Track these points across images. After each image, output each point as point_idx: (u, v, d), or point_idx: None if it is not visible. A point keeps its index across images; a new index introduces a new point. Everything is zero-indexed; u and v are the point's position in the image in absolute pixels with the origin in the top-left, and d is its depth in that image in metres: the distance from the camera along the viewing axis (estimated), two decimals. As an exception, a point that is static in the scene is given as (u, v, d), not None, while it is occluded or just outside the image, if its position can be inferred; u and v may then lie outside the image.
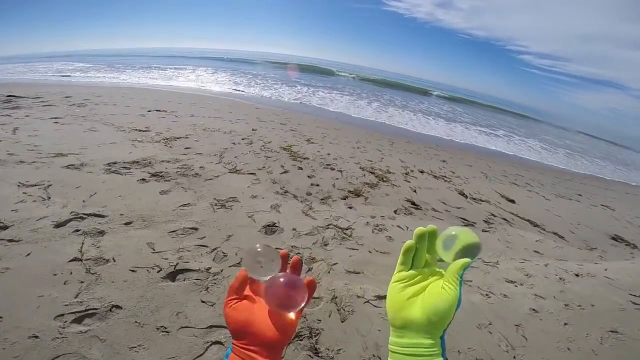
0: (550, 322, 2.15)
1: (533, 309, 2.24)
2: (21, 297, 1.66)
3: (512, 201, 4.89)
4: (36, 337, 1.46)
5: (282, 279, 0.52)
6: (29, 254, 1.95)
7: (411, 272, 0.56)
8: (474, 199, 4.60)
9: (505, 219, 4.06)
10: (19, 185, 2.66)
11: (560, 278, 2.70)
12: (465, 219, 3.78)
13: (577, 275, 2.79)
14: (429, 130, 10.83)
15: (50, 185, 2.74)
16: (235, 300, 0.54)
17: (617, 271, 2.92)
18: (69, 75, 12.65)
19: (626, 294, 2.51)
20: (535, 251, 3.28)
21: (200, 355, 1.52)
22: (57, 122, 4.65)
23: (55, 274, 1.83)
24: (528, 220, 4.18)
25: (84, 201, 2.58)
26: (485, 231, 3.57)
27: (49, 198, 2.56)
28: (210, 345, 1.58)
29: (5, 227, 2.14)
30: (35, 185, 2.70)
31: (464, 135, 11.37)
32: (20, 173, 2.87)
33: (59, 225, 2.25)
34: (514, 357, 1.82)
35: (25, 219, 2.25)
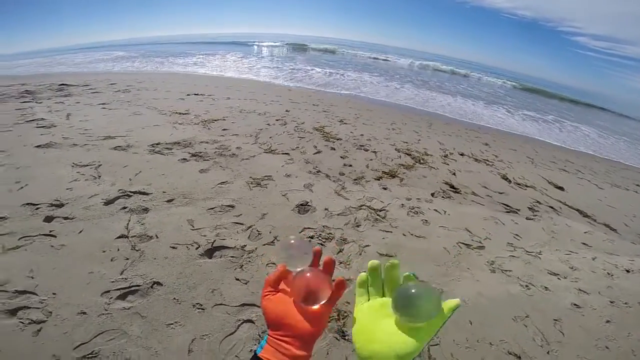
0: (591, 318, 2.03)
1: (575, 304, 2.12)
2: (74, 273, 1.79)
3: (561, 188, 4.52)
4: (84, 313, 1.57)
5: (308, 274, 0.54)
6: (81, 231, 2.12)
7: (374, 301, 0.56)
8: (518, 184, 4.32)
9: (551, 207, 3.78)
10: (72, 166, 2.89)
11: (608, 273, 2.52)
12: (507, 205, 3.56)
13: (627, 271, 2.59)
14: (468, 114, 10.25)
15: (100, 165, 2.96)
16: (272, 292, 0.56)
17: None
18: (112, 64, 13.37)
19: None
20: (583, 243, 3.04)
21: (232, 333, 1.58)
22: (104, 108, 4.96)
23: (104, 251, 1.97)
24: (577, 210, 3.86)
25: (130, 180, 2.76)
26: (530, 219, 3.36)
27: (100, 177, 2.77)
28: (242, 323, 1.63)
29: (62, 205, 2.34)
30: (87, 166, 2.92)
31: (507, 121, 10.64)
32: (74, 155, 3.12)
33: (108, 202, 2.43)
34: (548, 353, 1.74)
35: (78, 196, 2.45)
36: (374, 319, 0.52)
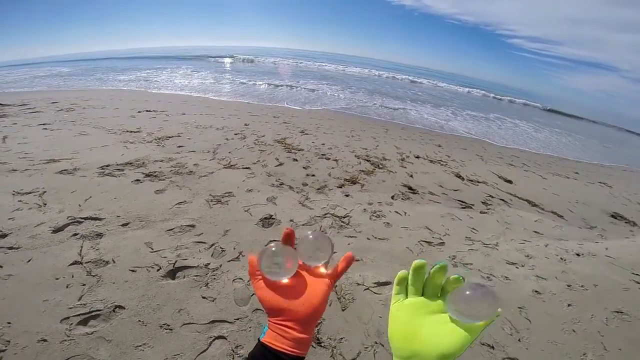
0: (553, 303, 2.14)
1: (535, 291, 2.24)
2: (26, 302, 1.67)
3: (510, 181, 4.91)
4: (45, 340, 1.48)
5: (311, 235, 0.56)
6: (29, 260, 1.96)
7: (414, 299, 0.53)
8: (471, 180, 4.62)
9: (503, 200, 4.08)
10: (13, 194, 2.64)
11: (561, 258, 2.69)
12: (462, 201, 3.79)
13: (578, 255, 2.77)
14: (421, 117, 10.82)
15: (45, 191, 2.73)
16: (260, 276, 0.55)
17: (618, 250, 2.91)
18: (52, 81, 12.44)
19: (628, 273, 2.51)
20: (535, 231, 3.29)
21: (204, 350, 1.53)
22: (46, 129, 4.59)
23: (57, 278, 1.84)
24: (526, 200, 4.20)
25: (79, 205, 2.57)
26: (484, 212, 3.59)
27: (45, 204, 2.55)
28: (214, 340, 1.59)
29: (4, 235, 2.14)
30: (30, 193, 2.68)
31: (453, 121, 11.38)
32: (14, 181, 2.84)
33: (57, 230, 2.25)
34: (519, 340, 1.82)
35: (23, 226, 2.25)
36: (414, 318, 0.50)
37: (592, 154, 9.82)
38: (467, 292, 0.46)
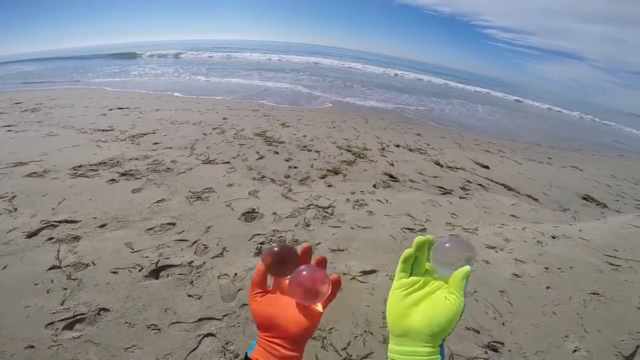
0: (533, 286, 2.19)
1: (515, 274, 2.29)
2: (8, 309, 1.61)
3: (486, 167, 5.06)
4: (32, 347, 1.44)
5: (305, 272, 0.52)
6: (5, 267, 1.88)
7: (412, 278, 0.55)
8: (450, 167, 4.73)
9: (481, 185, 4.20)
10: (-20, 200, 2.49)
11: (537, 241, 2.76)
12: (442, 187, 3.88)
13: (553, 237, 2.85)
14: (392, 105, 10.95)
15: (15, 196, 2.60)
16: (260, 294, 0.55)
17: (591, 232, 3.03)
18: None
19: (602, 255, 2.61)
20: (512, 215, 3.39)
21: (195, 348, 1.52)
22: (10, 130, 4.35)
23: (36, 284, 1.78)
24: (502, 185, 4.34)
25: (53, 209, 2.46)
26: (463, 198, 3.69)
27: (16, 209, 2.43)
28: (203, 337, 1.58)
29: None
30: (-1, 198, 2.54)
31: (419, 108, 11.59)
32: (-21, 187, 2.69)
33: (30, 235, 2.16)
34: (503, 324, 1.85)
35: None
36: (410, 297, 0.53)
37: (564, 141, 10.27)
38: (445, 244, 0.51)
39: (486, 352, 1.67)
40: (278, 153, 4.30)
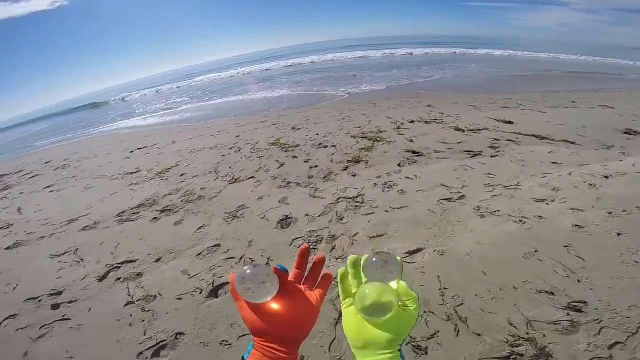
0: (601, 235, 2.03)
1: (576, 225, 2.15)
2: (104, 345, 1.82)
3: (510, 122, 4.94)
4: None
5: (248, 271, 0.51)
6: (90, 309, 2.11)
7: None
8: (472, 130, 4.65)
9: (510, 140, 4.12)
10: (51, 257, 2.78)
11: (590, 184, 2.58)
12: (470, 151, 3.84)
13: (606, 177, 2.65)
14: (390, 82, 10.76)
15: (78, 249, 2.86)
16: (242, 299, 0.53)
17: None
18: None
19: None
20: (553, 162, 3.25)
21: None
22: (52, 191, 4.69)
23: (119, 320, 1.98)
24: (533, 135, 4.22)
25: (112, 253, 2.70)
26: (494, 156, 3.62)
27: (82, 260, 2.69)
28: None
29: (60, 293, 2.31)
30: (65, 253, 2.82)
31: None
32: (47, 247, 2.98)
33: (101, 279, 2.40)
34: (579, 282, 1.74)
35: (71, 281, 2.41)
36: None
37: (581, 83, 9.74)
38: (372, 260, 0.55)
39: (568, 313, 1.58)
40: (296, 157, 4.39)
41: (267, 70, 25.61)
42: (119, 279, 2.35)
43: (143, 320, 1.94)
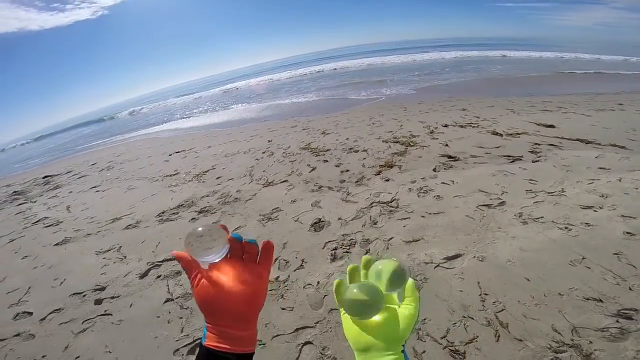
0: None
1: (628, 232, 2.08)
2: (142, 341, 1.89)
3: (552, 126, 4.69)
4: None
5: (199, 228, 0.51)
6: (131, 305, 2.21)
7: None
8: (510, 134, 4.47)
9: (552, 145, 3.92)
10: (97, 254, 2.97)
11: None
12: (509, 156, 3.69)
13: None
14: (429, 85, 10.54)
15: (121, 246, 3.03)
16: (198, 278, 0.51)
17: None
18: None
19: None
20: (601, 168, 3.09)
21: (297, 358, 1.63)
22: (98, 191, 5.01)
23: (158, 316, 2.06)
24: (577, 140, 3.99)
25: (153, 252, 2.82)
26: (536, 161, 3.47)
27: (125, 257, 2.84)
28: (302, 347, 1.69)
29: (104, 288, 2.44)
30: (109, 250, 2.99)
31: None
32: (93, 244, 3.19)
33: (142, 276, 2.51)
34: (630, 289, 1.69)
35: (114, 278, 2.54)
36: None
37: (627, 84, 9.07)
38: (378, 267, 0.54)
39: (617, 320, 1.54)
40: (327, 161, 4.40)
41: (297, 75, 26.05)
42: (159, 276, 2.46)
43: (181, 318, 2.01)
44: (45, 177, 6.85)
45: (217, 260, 0.52)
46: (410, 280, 0.54)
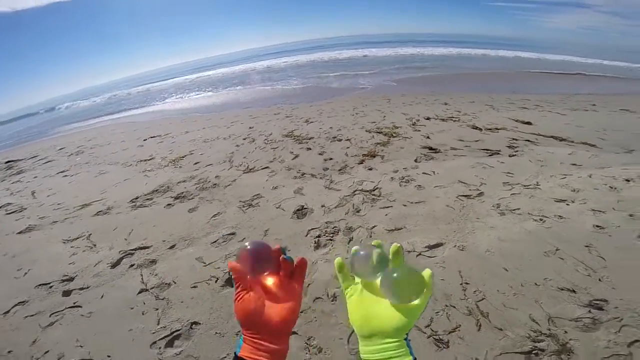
0: (621, 237, 2.05)
1: (597, 226, 2.16)
2: (116, 334, 1.78)
3: (529, 123, 4.83)
4: None
5: (249, 246, 0.57)
6: (102, 296, 2.07)
7: (358, 285, 0.58)
8: (489, 129, 4.56)
9: (528, 140, 4.03)
10: (64, 242, 2.76)
11: (610, 187, 2.58)
12: (487, 149, 3.77)
13: (627, 180, 2.65)
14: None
15: (91, 234, 2.83)
16: (243, 292, 0.54)
17: None
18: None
19: None
20: (573, 164, 3.21)
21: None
22: (66, 176, 4.71)
23: (131, 307, 1.94)
24: (552, 137, 4.13)
25: (125, 239, 2.66)
26: (513, 155, 3.56)
27: (95, 245, 2.66)
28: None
29: (72, 279, 2.27)
30: (78, 238, 2.79)
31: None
32: (59, 231, 2.96)
33: (114, 265, 2.36)
34: (600, 280, 1.75)
35: (84, 267, 2.37)
36: (368, 299, 0.55)
37: (601, 87, 9.49)
38: (388, 278, 0.51)
39: (589, 311, 1.59)
40: (310, 149, 4.34)
41: (281, 64, 25.55)
42: (132, 265, 2.32)
43: (157, 309, 1.90)
44: (8, 162, 6.38)
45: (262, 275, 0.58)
46: (428, 272, 0.53)
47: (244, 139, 5.22)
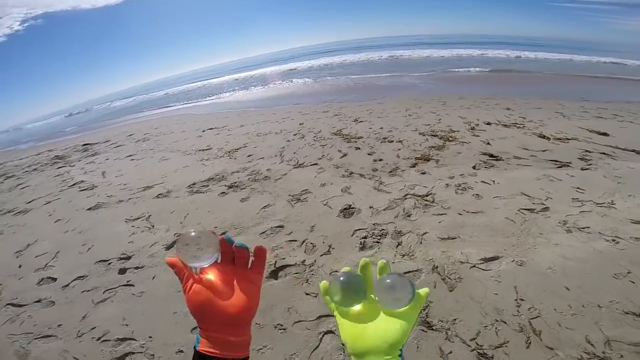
0: None
1: None
2: (160, 315, 1.88)
3: (605, 134, 4.30)
4: (182, 351, 1.64)
5: (192, 233, 0.50)
6: (154, 277, 2.21)
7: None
8: (559, 139, 4.14)
9: (604, 153, 3.59)
10: (126, 221, 3.02)
11: None
12: (556, 161, 3.42)
13: None
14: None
15: (150, 215, 3.07)
16: (190, 283, 0.51)
17: None
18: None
19: None
20: None
21: (317, 347, 1.58)
22: (133, 160, 5.18)
23: (179, 291, 2.02)
24: (632, 151, 3.64)
25: (181, 222, 2.85)
26: (585, 169, 3.20)
27: (153, 226, 2.87)
28: (323, 335, 1.63)
29: (129, 257, 2.46)
30: (139, 218, 3.04)
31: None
32: (123, 211, 3.26)
33: (169, 247, 2.52)
34: None
35: (141, 247, 2.56)
36: (359, 318, 0.53)
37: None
38: (384, 281, 0.50)
39: None
40: (359, 148, 4.28)
41: (328, 63, 25.63)
42: (185, 248, 2.47)
43: (203, 295, 2.00)
44: (85, 144, 7.18)
45: (206, 265, 0.52)
46: (426, 290, 0.53)
47: (294, 134, 5.31)
